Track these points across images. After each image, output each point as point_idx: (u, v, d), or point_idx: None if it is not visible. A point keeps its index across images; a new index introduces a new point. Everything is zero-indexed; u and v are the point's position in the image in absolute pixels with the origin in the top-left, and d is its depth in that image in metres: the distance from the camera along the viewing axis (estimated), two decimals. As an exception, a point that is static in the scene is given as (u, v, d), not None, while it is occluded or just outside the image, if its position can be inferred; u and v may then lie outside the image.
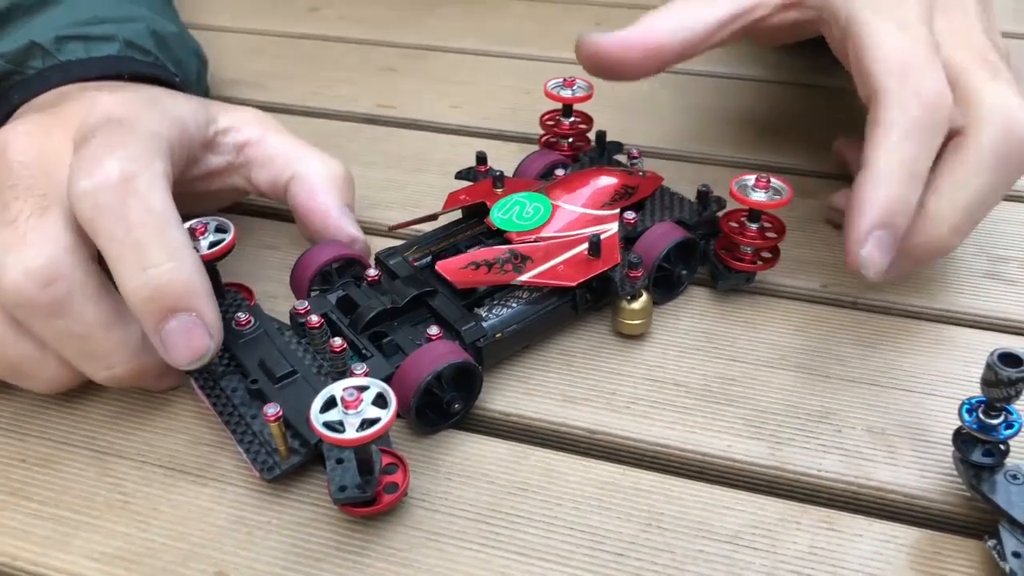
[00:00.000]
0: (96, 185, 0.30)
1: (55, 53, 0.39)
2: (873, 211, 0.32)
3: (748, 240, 0.37)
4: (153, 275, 0.29)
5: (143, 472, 0.32)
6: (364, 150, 0.51)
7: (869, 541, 0.29)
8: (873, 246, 0.32)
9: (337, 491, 0.29)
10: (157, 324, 0.30)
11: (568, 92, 0.45)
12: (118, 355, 0.31)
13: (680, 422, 0.34)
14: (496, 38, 0.64)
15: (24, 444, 0.33)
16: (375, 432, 0.27)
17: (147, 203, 0.30)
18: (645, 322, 0.36)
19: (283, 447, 0.31)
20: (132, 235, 0.29)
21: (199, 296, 0.30)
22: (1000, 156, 0.33)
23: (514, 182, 0.41)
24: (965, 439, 0.29)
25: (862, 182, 0.33)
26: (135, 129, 0.32)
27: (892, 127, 0.32)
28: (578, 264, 0.36)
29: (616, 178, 0.40)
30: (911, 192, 0.32)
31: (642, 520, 0.30)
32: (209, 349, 0.31)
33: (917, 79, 0.33)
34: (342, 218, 0.39)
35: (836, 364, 0.36)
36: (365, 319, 0.35)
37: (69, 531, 0.30)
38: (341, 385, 0.28)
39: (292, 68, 0.61)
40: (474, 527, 0.30)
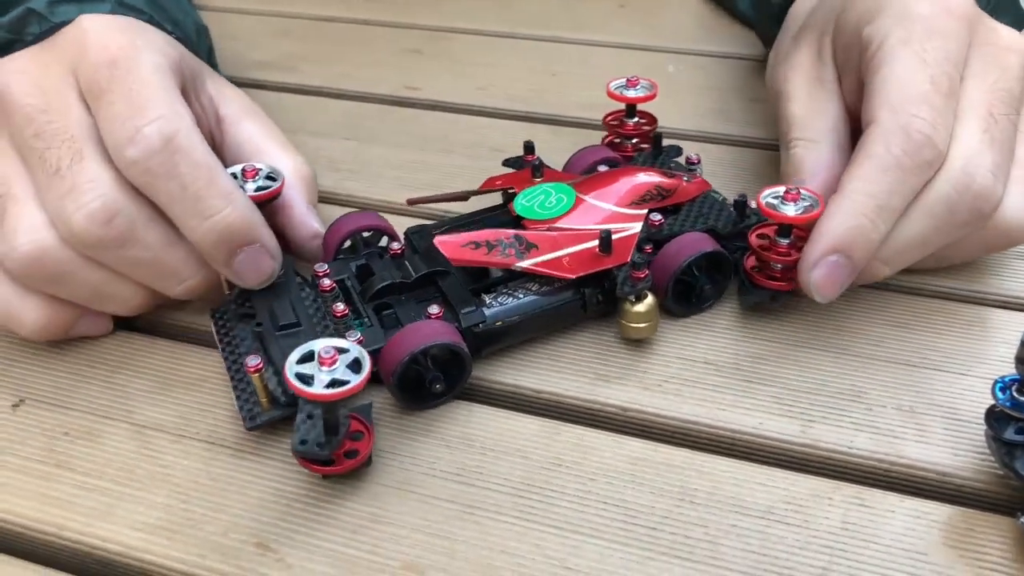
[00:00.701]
0: (143, 153, 0.32)
1: (49, 16, 0.40)
2: (830, 237, 0.32)
3: (777, 256, 0.35)
4: (216, 221, 0.32)
5: (182, 445, 0.33)
6: (392, 131, 0.52)
7: (901, 517, 0.29)
8: (823, 271, 0.32)
9: (298, 443, 0.29)
10: (228, 260, 0.33)
11: (632, 92, 0.43)
12: (186, 269, 0.34)
13: (711, 399, 0.34)
14: (520, 20, 0.64)
15: (67, 417, 0.34)
16: (339, 393, 0.28)
17: (192, 157, 0.32)
18: (649, 326, 0.35)
19: (264, 398, 0.32)
20: (188, 191, 0.32)
21: (258, 227, 0.34)
22: (949, 207, 0.33)
23: (554, 173, 0.41)
24: (998, 417, 0.29)
25: (828, 208, 0.33)
26: (142, 67, 0.33)
27: (871, 159, 0.32)
28: (584, 258, 0.35)
29: (652, 179, 0.38)
30: (875, 226, 0.32)
31: (675, 495, 0.30)
32: (275, 269, 0.35)
33: (909, 117, 0.32)
34: (307, 214, 0.39)
35: (868, 344, 0.36)
36: (373, 289, 0.35)
37: (112, 502, 0.31)
38: (324, 342, 0.29)
39: (319, 50, 0.62)
40: (509, 501, 0.30)
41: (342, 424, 0.30)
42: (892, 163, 0.32)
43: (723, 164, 0.48)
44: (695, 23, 0.64)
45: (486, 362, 0.36)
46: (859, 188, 0.32)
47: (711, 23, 0.63)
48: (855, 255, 0.32)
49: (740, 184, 0.46)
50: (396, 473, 0.32)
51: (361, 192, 0.47)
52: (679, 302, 0.37)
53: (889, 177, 0.32)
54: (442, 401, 0.34)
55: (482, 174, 0.43)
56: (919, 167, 0.32)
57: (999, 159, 0.33)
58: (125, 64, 0.33)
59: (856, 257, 0.32)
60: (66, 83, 0.34)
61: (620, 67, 0.57)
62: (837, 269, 0.32)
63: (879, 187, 0.32)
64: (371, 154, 0.50)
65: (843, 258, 0.32)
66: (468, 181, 0.47)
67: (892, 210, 0.32)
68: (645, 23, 0.63)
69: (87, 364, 0.36)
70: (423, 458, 0.32)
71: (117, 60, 0.33)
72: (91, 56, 0.34)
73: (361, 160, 0.49)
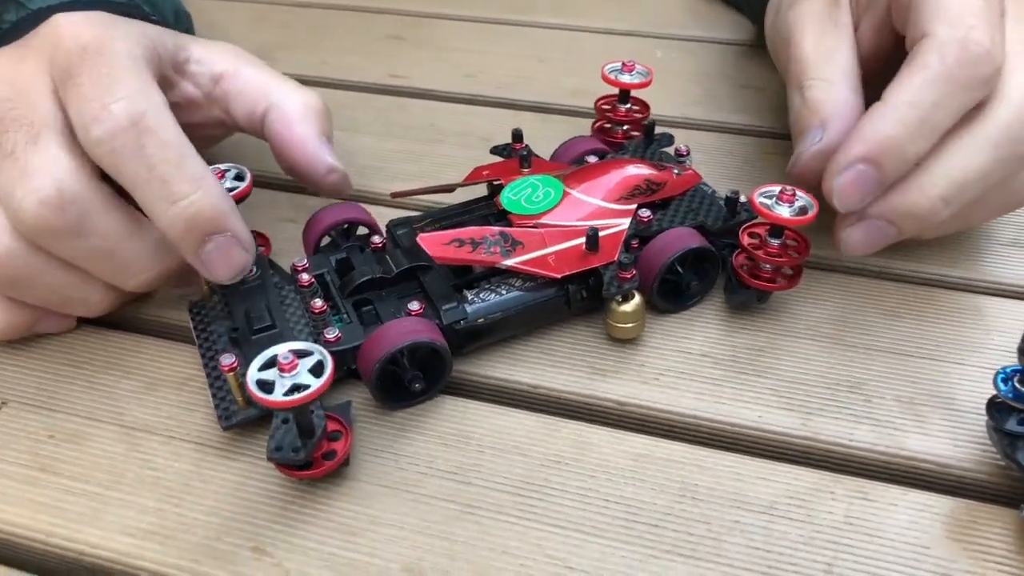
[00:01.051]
0: (108, 131, 0.30)
1: (26, 3, 0.39)
2: (862, 143, 0.31)
3: (766, 256, 0.35)
4: (183, 206, 0.31)
5: (172, 447, 0.32)
6: (376, 121, 0.51)
7: (904, 510, 0.29)
8: (849, 178, 0.31)
9: (273, 450, 0.29)
10: (196, 249, 0.32)
11: (627, 77, 0.42)
12: (143, 261, 0.33)
13: (709, 393, 0.34)
14: (505, 5, 0.64)
15: (52, 420, 0.33)
16: (298, 399, 0.27)
17: (160, 138, 0.31)
18: (636, 326, 0.35)
19: (239, 397, 0.31)
20: (155, 172, 0.31)
21: (228, 216, 0.32)
22: (1011, 136, 0.32)
23: (543, 163, 0.40)
24: (999, 408, 0.29)
25: (868, 113, 0.31)
26: (115, 54, 0.32)
27: (921, 69, 0.31)
28: (570, 256, 0.35)
29: (641, 172, 0.37)
30: (914, 140, 0.31)
31: (676, 491, 0.30)
32: (247, 262, 0.33)
33: (967, 29, 0.31)
34: (320, 147, 0.39)
35: (862, 334, 0.36)
36: (353, 284, 0.35)
37: (101, 507, 0.30)
38: (286, 347, 0.29)
39: (298, 37, 0.60)
40: (509, 500, 0.30)
41: (317, 426, 0.29)
42: (944, 75, 0.30)
43: (710, 151, 0.47)
44: (682, 8, 0.63)
45: (479, 357, 0.35)
46: (904, 98, 0.31)
47: (698, 8, 0.63)
48: (886, 166, 0.31)
49: (728, 172, 0.46)
50: (392, 473, 0.31)
51: (347, 183, 0.46)
52: (666, 299, 0.36)
53: (938, 89, 0.30)
54: (423, 399, 0.33)
55: (470, 163, 0.42)
56: (972, 83, 0.31)
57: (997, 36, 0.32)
58: (96, 49, 0.32)
59: (887, 169, 0.31)
60: (38, 77, 0.33)
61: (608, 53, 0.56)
62: (864, 178, 0.31)
63: (926, 98, 0.31)
64: (355, 144, 0.49)
65: (872, 168, 0.31)
66: (456, 170, 0.46)
67: (934, 126, 0.31)
68: (632, 8, 0.63)
69: (72, 364, 0.35)
70: (420, 457, 0.32)
71: (87, 46, 0.32)
72: (64, 46, 0.33)
73: (345, 150, 0.48)
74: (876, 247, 0.34)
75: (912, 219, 0.33)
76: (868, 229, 0.33)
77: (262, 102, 0.39)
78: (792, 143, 0.36)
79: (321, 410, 0.30)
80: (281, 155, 0.39)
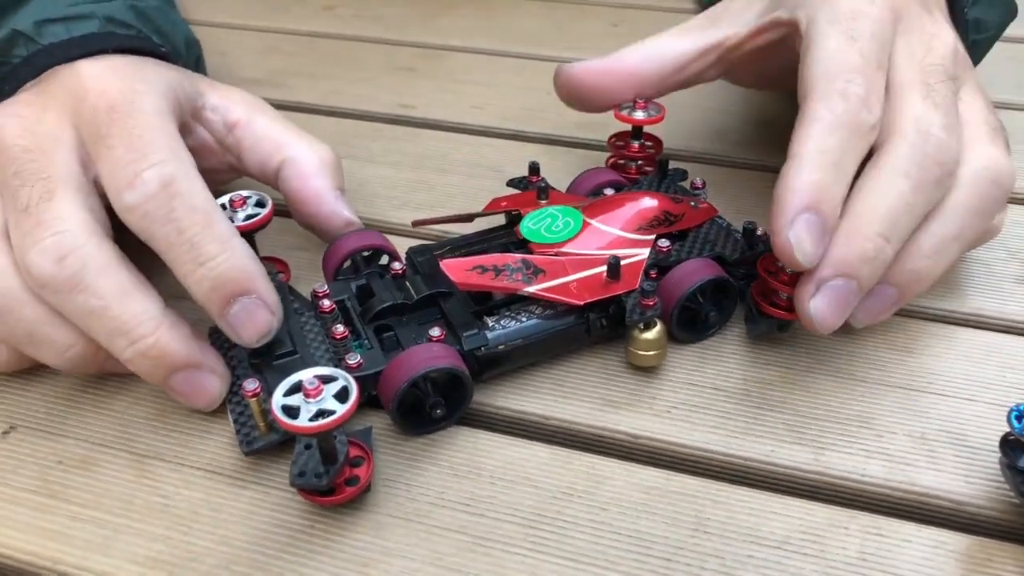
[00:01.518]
0: (141, 198, 0.31)
1: (36, 38, 0.39)
2: (798, 195, 0.31)
3: (783, 286, 0.34)
4: (210, 267, 0.31)
5: (182, 475, 0.32)
6: (387, 150, 0.51)
7: (918, 547, 0.29)
8: (801, 228, 0.31)
9: (296, 475, 0.29)
10: (222, 310, 0.32)
11: (639, 114, 0.43)
12: (138, 328, 0.31)
13: (721, 427, 0.34)
14: (514, 38, 0.64)
15: (61, 446, 0.33)
16: (324, 424, 0.27)
17: (190, 202, 0.31)
18: (658, 354, 0.35)
19: (262, 423, 0.31)
20: (184, 236, 0.31)
21: (255, 279, 0.32)
22: (916, 163, 0.32)
23: (560, 195, 0.41)
24: (1013, 445, 0.29)
25: (784, 172, 0.32)
26: (143, 113, 0.33)
27: (816, 121, 0.32)
28: (592, 285, 0.35)
29: (658, 203, 0.38)
30: (835, 181, 0.32)
31: (689, 525, 0.30)
32: (272, 325, 0.32)
33: (845, 83, 0.33)
34: (337, 202, 0.39)
35: (872, 369, 0.36)
36: (374, 311, 0.35)
37: (110, 534, 0.30)
38: (310, 372, 0.29)
39: (309, 67, 0.61)
40: (521, 532, 0.30)
41: (340, 452, 0.29)
42: (836, 123, 0.32)
43: (722, 186, 0.47)
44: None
45: (491, 387, 0.35)
46: (812, 148, 0.32)
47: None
48: (824, 209, 0.31)
49: (739, 207, 0.46)
50: (404, 503, 0.31)
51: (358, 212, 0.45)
52: (684, 329, 0.37)
53: (836, 136, 0.32)
54: (443, 426, 0.33)
55: (481, 193, 0.42)
56: (861, 127, 0.32)
57: (947, 119, 0.33)
58: (125, 108, 0.33)
59: (825, 212, 0.31)
60: (61, 129, 0.33)
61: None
62: (812, 224, 0.32)
63: (828, 144, 0.32)
64: (367, 173, 0.49)
65: (814, 215, 0.31)
66: (467, 200, 0.46)
67: (844, 168, 0.32)
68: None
69: (81, 389, 0.35)
70: (431, 487, 0.31)
71: (116, 104, 0.33)
72: (90, 101, 0.33)
73: (357, 179, 0.48)
74: (845, 311, 0.33)
75: (863, 264, 0.32)
76: (829, 292, 0.32)
77: (276, 155, 0.39)
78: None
79: (344, 435, 0.30)
80: (298, 209, 0.40)
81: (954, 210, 0.34)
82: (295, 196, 0.39)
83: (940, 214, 0.34)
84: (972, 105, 0.36)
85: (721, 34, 0.41)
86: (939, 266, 0.34)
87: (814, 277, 0.32)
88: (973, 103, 0.36)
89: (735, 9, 0.42)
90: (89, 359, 0.33)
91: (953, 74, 0.35)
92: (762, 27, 0.39)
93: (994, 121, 0.36)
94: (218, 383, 0.33)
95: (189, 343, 0.32)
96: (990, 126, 0.36)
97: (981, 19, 0.45)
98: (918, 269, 0.34)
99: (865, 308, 0.34)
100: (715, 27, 0.41)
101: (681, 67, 0.42)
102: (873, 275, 0.32)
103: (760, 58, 0.41)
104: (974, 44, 0.45)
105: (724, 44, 0.41)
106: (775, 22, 0.39)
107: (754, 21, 0.40)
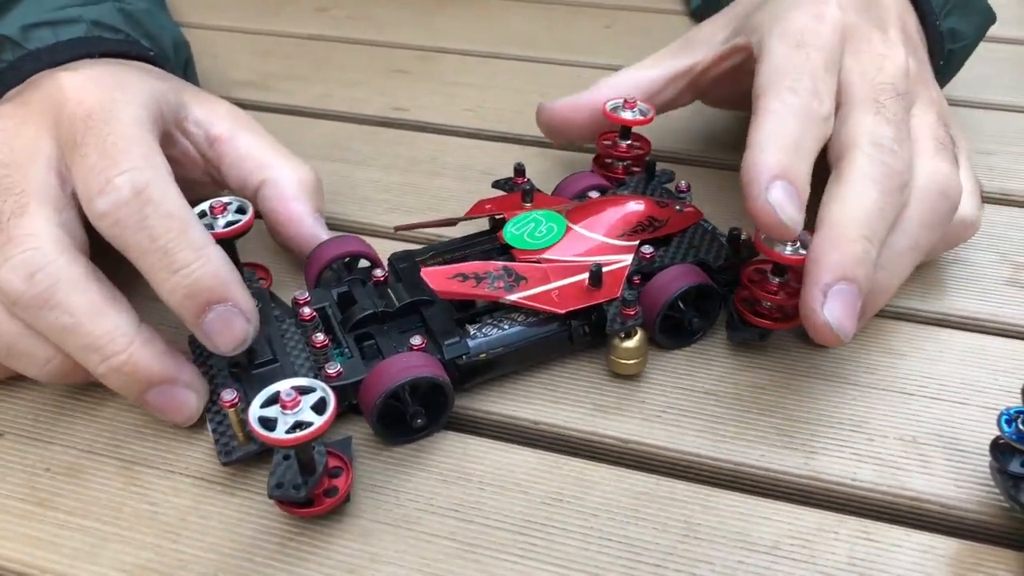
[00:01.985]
0: (112, 204, 0.31)
1: (23, 43, 0.39)
2: (766, 167, 0.32)
3: (767, 295, 0.35)
4: (185, 275, 0.31)
5: (171, 482, 0.32)
6: (379, 153, 0.51)
7: (908, 552, 0.29)
8: (778, 192, 0.31)
9: (274, 487, 0.29)
10: (197, 318, 0.31)
11: (628, 114, 0.43)
12: (110, 344, 0.31)
13: (712, 431, 0.33)
14: (506, 40, 0.64)
15: (49, 453, 0.33)
16: (301, 437, 0.27)
17: (164, 208, 0.31)
18: (639, 362, 0.35)
19: (240, 433, 0.31)
20: (157, 243, 0.30)
21: (230, 286, 0.31)
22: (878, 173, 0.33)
23: (545, 198, 0.41)
24: (1003, 449, 0.29)
25: (745, 158, 0.32)
26: (119, 121, 0.32)
27: (769, 113, 0.33)
28: (574, 292, 0.35)
29: (643, 208, 0.38)
30: (797, 158, 0.32)
31: (679, 530, 0.30)
32: (248, 334, 0.32)
33: (793, 80, 0.34)
34: (315, 225, 0.39)
35: (864, 372, 0.36)
36: (354, 319, 0.35)
37: (98, 542, 0.30)
38: (288, 383, 0.29)
39: (303, 69, 0.61)
40: (510, 538, 0.30)
41: (318, 463, 0.29)
42: (788, 112, 0.33)
43: (710, 189, 0.47)
44: (681, 44, 0.63)
45: (480, 393, 0.35)
46: (768, 132, 0.33)
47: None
48: (795, 180, 0.32)
49: (729, 210, 0.46)
50: (392, 510, 0.31)
51: (348, 215, 0.46)
52: (668, 335, 0.36)
53: (791, 122, 0.33)
54: (424, 435, 0.33)
55: (472, 196, 0.42)
56: (813, 117, 0.33)
57: (897, 133, 0.34)
58: (101, 116, 0.32)
59: (797, 183, 0.32)
60: (40, 142, 0.33)
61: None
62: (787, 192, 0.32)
63: (787, 130, 0.33)
64: (358, 176, 0.49)
65: (787, 183, 0.32)
66: (458, 203, 0.46)
67: (805, 152, 0.33)
68: (632, 44, 0.63)
69: (70, 396, 0.35)
70: (420, 493, 0.31)
71: (93, 113, 0.32)
72: (68, 110, 0.33)
73: (348, 182, 0.48)
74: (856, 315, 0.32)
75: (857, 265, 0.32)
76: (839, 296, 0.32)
77: (256, 174, 0.39)
78: None
79: (322, 446, 0.30)
80: (276, 231, 0.40)
81: (906, 223, 0.34)
82: (273, 218, 0.39)
83: (895, 227, 0.34)
84: (923, 120, 0.37)
85: (691, 61, 0.43)
86: (896, 277, 0.34)
87: (818, 284, 0.31)
88: (925, 118, 0.37)
89: (705, 35, 0.43)
90: (69, 371, 0.32)
91: (904, 91, 0.36)
92: (724, 53, 0.41)
93: (943, 135, 0.36)
94: (195, 398, 0.32)
95: (163, 359, 0.32)
96: (937, 140, 0.36)
97: (956, 29, 0.45)
98: (877, 280, 0.33)
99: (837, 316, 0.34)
100: (685, 54, 0.43)
101: (653, 94, 0.43)
102: (868, 276, 0.32)
103: (726, 81, 0.42)
104: (950, 54, 0.46)
105: (694, 70, 0.43)
106: (735, 48, 0.40)
107: (720, 46, 0.41)
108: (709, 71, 0.42)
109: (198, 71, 0.51)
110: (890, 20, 0.39)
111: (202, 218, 0.35)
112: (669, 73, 0.43)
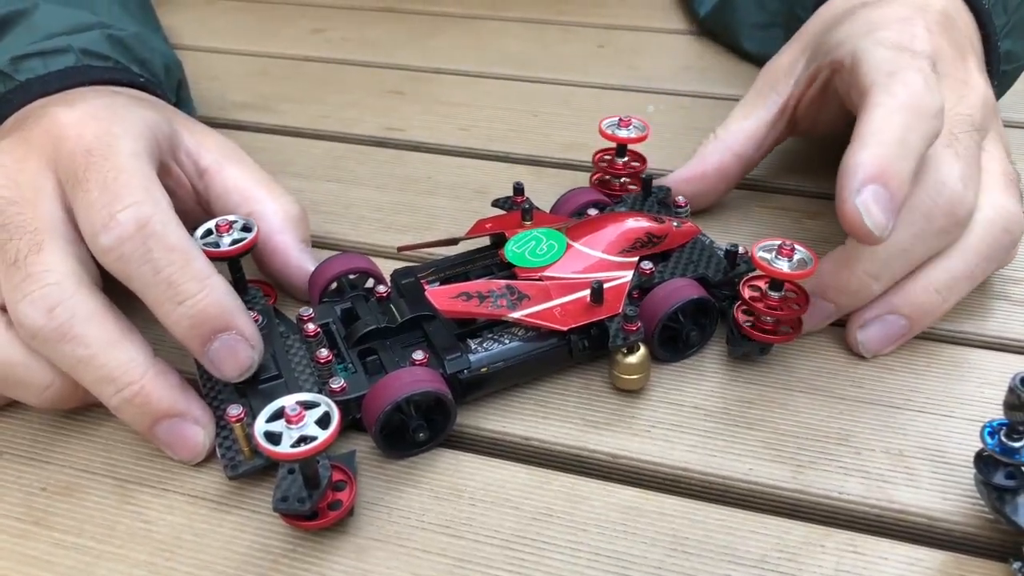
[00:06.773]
0: (116, 239, 0.31)
1: (13, 74, 0.39)
2: (862, 167, 0.32)
3: (765, 309, 0.35)
4: (189, 306, 0.31)
5: (165, 500, 0.32)
6: (374, 173, 0.52)
7: (894, 564, 0.29)
8: (868, 196, 0.31)
9: (279, 500, 0.29)
10: (202, 347, 0.32)
11: (624, 132, 0.43)
12: (124, 376, 0.32)
13: (701, 445, 0.34)
14: (501, 61, 0.65)
15: (45, 472, 0.33)
16: (305, 451, 0.28)
17: (166, 241, 0.31)
18: (641, 377, 0.35)
19: (246, 448, 0.32)
20: (161, 276, 0.31)
21: (234, 315, 0.32)
22: (924, 213, 0.34)
23: (544, 216, 0.41)
24: (987, 461, 0.30)
25: (846, 153, 0.33)
26: (119, 156, 0.33)
27: (879, 107, 0.33)
28: (576, 309, 0.35)
29: (642, 225, 0.38)
30: (900, 156, 0.32)
31: (667, 545, 0.30)
32: (253, 360, 0.33)
33: (905, 75, 0.34)
34: (302, 256, 0.39)
35: (851, 386, 0.36)
36: (358, 334, 0.35)
37: (92, 561, 0.30)
38: (292, 399, 0.29)
39: (299, 90, 0.62)
40: (500, 554, 0.30)
41: (323, 476, 0.29)
42: (897, 106, 0.33)
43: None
44: (675, 63, 0.64)
45: (472, 409, 0.35)
46: (873, 127, 0.33)
47: (691, 63, 0.64)
48: (891, 184, 0.32)
49: (724, 226, 0.46)
50: (384, 526, 0.31)
51: (345, 235, 0.46)
52: (665, 348, 0.37)
53: (899, 116, 0.33)
54: (426, 448, 0.34)
55: (466, 215, 0.43)
56: (924, 111, 0.33)
57: (966, 170, 0.35)
58: (101, 152, 0.33)
59: (893, 187, 0.32)
60: (43, 176, 0.33)
61: (601, 107, 0.58)
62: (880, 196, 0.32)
63: (894, 123, 0.32)
64: (354, 196, 0.49)
65: (880, 187, 0.32)
66: (453, 222, 0.47)
67: (911, 148, 0.32)
68: (625, 63, 0.64)
69: (67, 417, 0.36)
70: (411, 510, 0.32)
71: (93, 149, 0.33)
72: (68, 147, 0.33)
73: (344, 202, 0.49)
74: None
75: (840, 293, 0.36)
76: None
77: (242, 208, 0.39)
78: None
79: (327, 460, 0.30)
80: (262, 263, 0.40)
81: (966, 251, 0.36)
82: (260, 250, 0.40)
83: (954, 253, 0.36)
84: (993, 155, 0.38)
85: (781, 99, 0.43)
86: (948, 302, 0.36)
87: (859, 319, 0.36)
88: (994, 152, 0.38)
89: (783, 67, 0.43)
90: (67, 397, 0.33)
91: (980, 125, 0.37)
92: (810, 76, 0.41)
93: (1011, 172, 0.38)
94: (202, 435, 0.33)
95: (174, 392, 0.32)
96: (1007, 176, 0.37)
97: (1012, 51, 0.46)
98: (929, 303, 0.36)
99: (875, 337, 0.37)
100: (774, 92, 0.43)
101: (759, 145, 0.43)
102: (850, 306, 0.36)
103: (814, 106, 0.42)
104: (1003, 75, 0.47)
105: (788, 106, 0.43)
106: (818, 69, 0.40)
107: (803, 74, 0.41)
108: (801, 102, 0.42)
109: (198, 93, 0.51)
110: (967, 46, 0.39)
111: (208, 236, 0.36)
112: (767, 120, 0.43)
